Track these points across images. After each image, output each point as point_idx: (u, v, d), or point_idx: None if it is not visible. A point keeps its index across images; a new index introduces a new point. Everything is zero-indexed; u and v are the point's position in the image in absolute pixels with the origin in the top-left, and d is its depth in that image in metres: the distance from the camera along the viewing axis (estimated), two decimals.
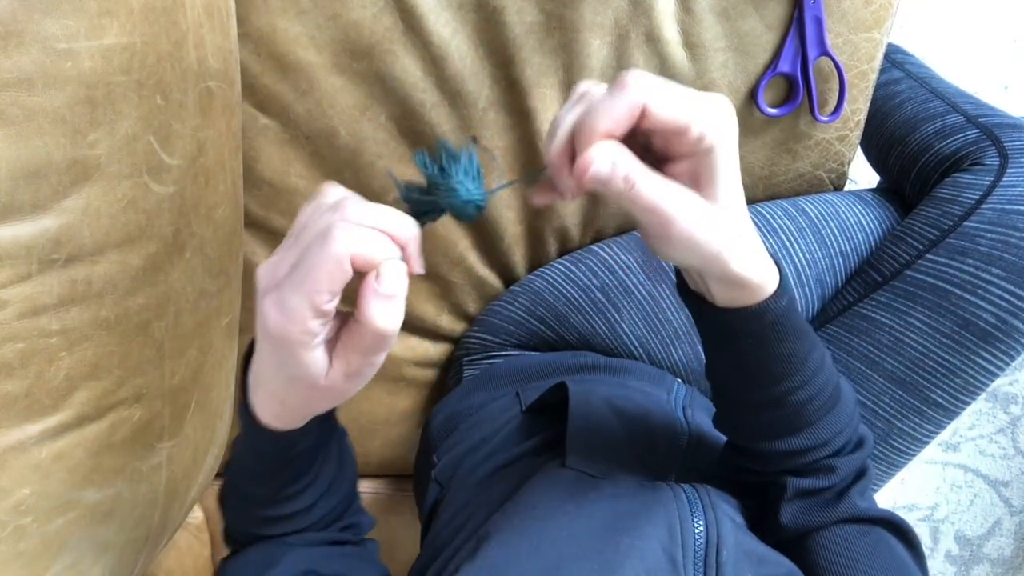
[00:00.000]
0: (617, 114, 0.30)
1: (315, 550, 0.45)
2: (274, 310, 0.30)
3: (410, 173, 0.68)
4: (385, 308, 0.30)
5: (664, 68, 0.64)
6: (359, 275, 0.31)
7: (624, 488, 0.42)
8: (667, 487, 0.42)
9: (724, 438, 0.54)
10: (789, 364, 0.38)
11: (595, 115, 0.31)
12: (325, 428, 0.42)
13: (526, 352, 0.68)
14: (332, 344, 0.33)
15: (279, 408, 0.36)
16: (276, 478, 0.41)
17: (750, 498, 0.46)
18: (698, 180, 0.33)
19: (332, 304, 0.30)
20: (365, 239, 0.30)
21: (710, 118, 0.31)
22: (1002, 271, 0.55)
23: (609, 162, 0.31)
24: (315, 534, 0.45)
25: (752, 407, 0.41)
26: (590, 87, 0.34)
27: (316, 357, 0.32)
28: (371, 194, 0.68)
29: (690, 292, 0.39)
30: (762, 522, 0.45)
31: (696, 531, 0.39)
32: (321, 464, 0.43)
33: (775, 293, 0.36)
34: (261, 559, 0.44)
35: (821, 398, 0.40)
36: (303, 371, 0.32)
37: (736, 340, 0.38)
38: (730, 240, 0.34)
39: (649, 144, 0.34)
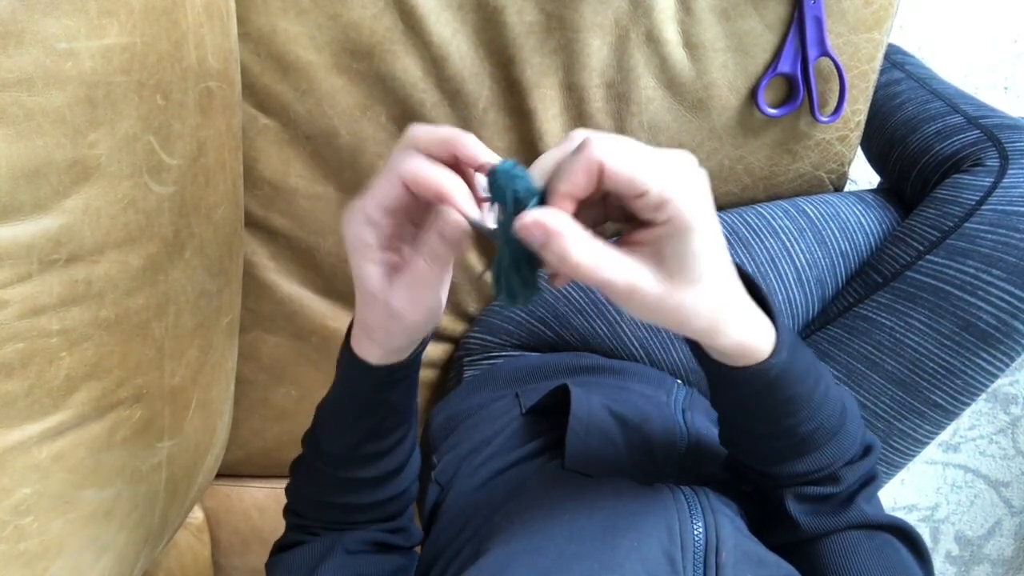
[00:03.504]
0: (576, 177, 0.30)
1: (365, 557, 0.47)
2: (346, 218, 0.36)
3: None
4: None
5: (664, 68, 0.64)
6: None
7: (623, 489, 0.42)
8: (666, 489, 0.42)
9: None
10: (791, 405, 0.38)
11: (556, 177, 0.31)
12: (409, 394, 0.44)
13: (526, 353, 0.68)
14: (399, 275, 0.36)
15: (366, 339, 0.40)
16: (363, 422, 0.43)
17: (753, 501, 0.46)
18: (659, 255, 0.32)
19: (380, 216, 0.35)
20: (415, 169, 0.33)
21: (674, 184, 0.30)
22: (1002, 272, 0.55)
23: (540, 235, 0.30)
24: (371, 532, 0.47)
25: (756, 439, 0.41)
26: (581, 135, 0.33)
27: (372, 269, 0.36)
28: None
29: (693, 341, 0.38)
30: (765, 524, 0.45)
31: (695, 533, 0.39)
32: (402, 434, 0.45)
33: (774, 351, 0.36)
34: (317, 554, 0.46)
35: (827, 426, 0.40)
36: (364, 281, 0.36)
37: (738, 388, 0.38)
38: (712, 318, 0.33)
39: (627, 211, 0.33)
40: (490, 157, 0.33)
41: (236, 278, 0.63)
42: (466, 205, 0.33)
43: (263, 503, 0.81)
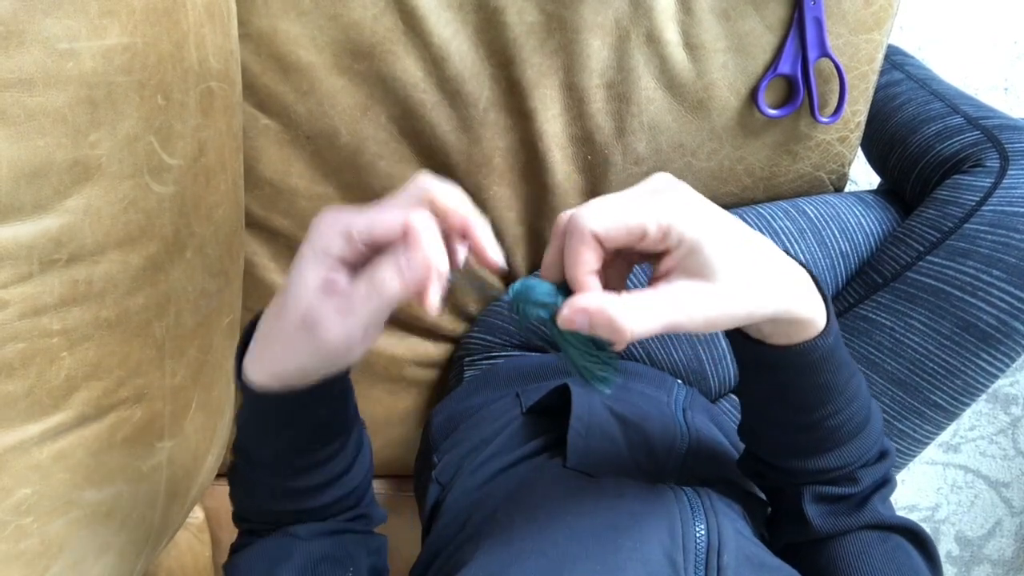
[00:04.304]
0: (580, 257, 0.32)
1: (326, 540, 0.45)
2: (323, 217, 0.33)
3: (411, 174, 0.68)
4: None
5: (664, 69, 0.64)
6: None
7: (625, 489, 0.42)
8: (669, 490, 0.42)
9: (724, 440, 0.54)
10: (827, 393, 0.38)
11: (567, 266, 0.33)
12: (336, 409, 0.42)
13: (527, 353, 0.68)
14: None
15: (263, 356, 0.37)
16: (282, 436, 0.41)
17: (758, 501, 0.46)
18: (688, 270, 0.32)
19: (362, 239, 0.33)
20: (423, 235, 0.31)
21: (664, 211, 0.31)
22: (1002, 273, 0.55)
23: (584, 320, 0.31)
24: (323, 523, 0.45)
25: (784, 429, 0.41)
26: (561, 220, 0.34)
27: (315, 275, 0.33)
28: (371, 194, 0.68)
29: (732, 330, 0.39)
30: (775, 523, 0.45)
31: (697, 534, 0.39)
32: (338, 445, 0.43)
33: (823, 331, 0.36)
34: (272, 552, 0.44)
35: (854, 422, 0.40)
36: (299, 281, 0.34)
37: (777, 372, 0.38)
38: (755, 300, 0.33)
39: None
40: (495, 254, 0.33)
41: (237, 278, 0.63)
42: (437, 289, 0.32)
43: None
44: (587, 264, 0.32)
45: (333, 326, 0.33)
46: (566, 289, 0.33)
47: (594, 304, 0.31)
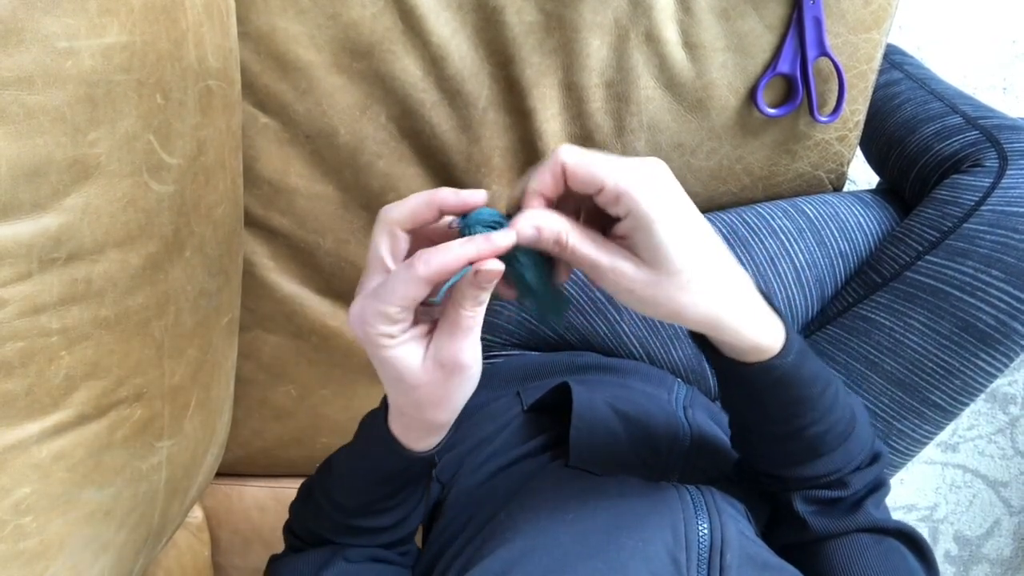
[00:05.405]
0: (542, 175, 0.34)
1: (365, 566, 0.46)
2: (355, 318, 0.35)
3: (410, 173, 0.68)
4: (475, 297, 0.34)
5: (664, 68, 0.64)
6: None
7: (629, 488, 0.42)
8: (672, 488, 0.42)
9: (725, 438, 0.54)
10: (801, 406, 0.39)
11: (530, 178, 0.34)
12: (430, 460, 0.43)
13: (527, 352, 0.68)
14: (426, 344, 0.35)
15: (400, 421, 0.39)
16: (385, 487, 0.43)
17: (760, 499, 0.46)
18: (635, 244, 0.33)
19: (403, 314, 0.34)
20: (442, 265, 0.32)
21: (629, 177, 0.32)
22: (1001, 273, 0.55)
23: (532, 227, 0.34)
24: (373, 550, 0.47)
25: (768, 440, 0.41)
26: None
27: (400, 355, 0.35)
28: (370, 194, 0.68)
29: (700, 337, 0.39)
30: (773, 523, 0.45)
31: (700, 533, 0.39)
32: (415, 488, 0.45)
33: (781, 352, 0.37)
34: (314, 561, 0.46)
35: (836, 430, 0.40)
36: (393, 368, 0.35)
37: (746, 386, 0.38)
38: (708, 312, 0.34)
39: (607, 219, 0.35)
40: (470, 194, 0.34)
41: (236, 277, 0.63)
42: (495, 249, 0.34)
43: (263, 502, 0.81)
44: (543, 183, 0.34)
45: (474, 353, 0.35)
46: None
47: (542, 217, 0.34)
